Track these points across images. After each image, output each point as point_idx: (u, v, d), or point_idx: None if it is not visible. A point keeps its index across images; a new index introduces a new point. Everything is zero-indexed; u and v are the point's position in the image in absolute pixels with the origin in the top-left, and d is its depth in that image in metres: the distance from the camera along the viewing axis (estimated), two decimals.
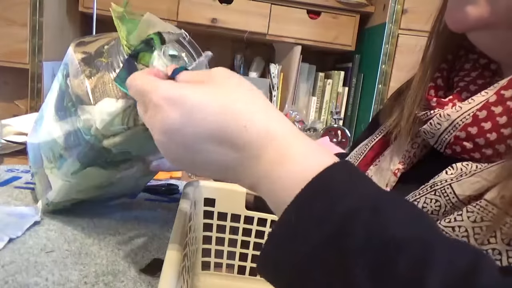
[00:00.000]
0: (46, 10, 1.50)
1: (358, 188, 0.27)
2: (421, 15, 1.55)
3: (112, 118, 0.47)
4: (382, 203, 0.26)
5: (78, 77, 0.50)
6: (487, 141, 0.37)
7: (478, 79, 0.42)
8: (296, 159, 0.30)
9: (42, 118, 0.60)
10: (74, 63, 0.51)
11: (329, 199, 0.26)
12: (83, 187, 0.59)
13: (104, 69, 0.49)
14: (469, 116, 0.38)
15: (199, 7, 1.62)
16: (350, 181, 0.28)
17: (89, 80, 0.49)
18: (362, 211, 0.25)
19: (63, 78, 0.54)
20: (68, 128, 0.52)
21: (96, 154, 0.51)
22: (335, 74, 1.78)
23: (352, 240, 0.24)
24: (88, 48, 0.53)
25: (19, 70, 1.52)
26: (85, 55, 0.51)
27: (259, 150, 0.31)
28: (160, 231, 0.62)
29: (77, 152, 0.52)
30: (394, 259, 0.23)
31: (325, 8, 1.67)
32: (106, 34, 0.55)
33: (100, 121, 0.47)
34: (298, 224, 0.27)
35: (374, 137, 0.53)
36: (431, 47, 0.47)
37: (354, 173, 0.29)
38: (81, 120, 0.49)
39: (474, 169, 0.36)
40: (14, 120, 1.08)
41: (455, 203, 0.36)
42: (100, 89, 0.48)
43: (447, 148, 0.41)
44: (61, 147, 0.54)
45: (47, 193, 0.60)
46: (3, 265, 0.47)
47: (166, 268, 0.33)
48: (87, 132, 0.48)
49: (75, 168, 0.54)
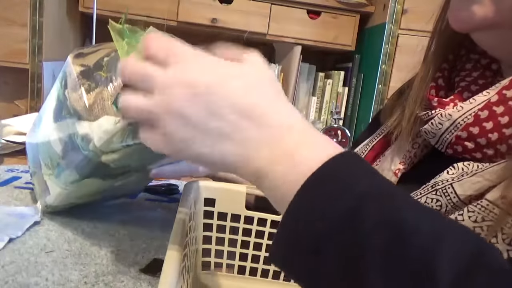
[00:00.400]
0: (46, 10, 1.50)
1: (373, 174, 0.28)
2: (421, 15, 1.55)
3: (111, 136, 0.46)
4: (394, 189, 0.27)
5: (76, 91, 0.49)
6: (489, 141, 0.37)
7: (479, 79, 0.42)
8: (312, 147, 0.30)
9: (40, 121, 0.59)
10: (73, 76, 0.50)
11: (346, 180, 0.27)
12: (82, 194, 0.59)
13: (103, 84, 0.48)
14: (470, 116, 0.38)
15: (199, 7, 1.62)
16: (364, 167, 0.29)
17: (88, 95, 0.48)
18: (376, 194, 0.26)
19: (61, 88, 0.53)
20: (66, 140, 0.51)
21: (94, 168, 0.51)
22: (335, 74, 1.78)
23: (366, 219, 0.25)
24: (87, 61, 0.51)
25: (19, 70, 1.52)
26: (84, 68, 0.50)
27: (280, 135, 0.31)
28: (160, 231, 0.62)
29: (75, 164, 0.51)
30: (406, 240, 0.24)
31: (325, 8, 1.67)
32: (106, 44, 0.53)
33: (98, 139, 0.46)
34: (315, 200, 0.27)
35: (374, 137, 0.53)
36: (432, 46, 0.47)
37: (366, 163, 0.30)
38: (79, 135, 0.48)
39: (476, 169, 0.36)
40: (14, 120, 1.08)
41: (456, 203, 0.36)
42: (99, 105, 0.47)
43: (448, 148, 0.41)
44: (59, 157, 0.53)
45: (46, 196, 0.59)
46: (3, 265, 0.47)
47: (166, 268, 0.33)
48: (85, 148, 0.48)
49: (73, 178, 0.53)
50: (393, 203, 0.26)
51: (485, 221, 0.32)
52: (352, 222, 0.25)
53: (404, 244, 0.24)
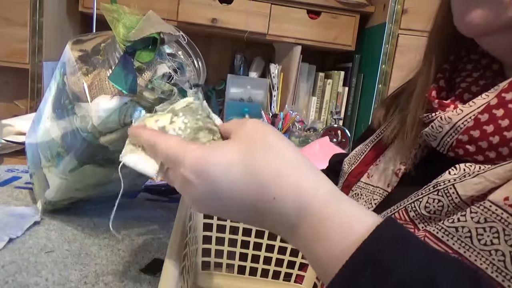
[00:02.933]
0: (46, 10, 1.50)
1: (410, 254, 0.26)
2: (421, 15, 1.55)
3: (108, 114, 0.47)
4: (435, 273, 0.25)
5: (75, 74, 0.50)
6: (490, 144, 0.37)
7: (480, 80, 0.42)
8: (331, 238, 0.28)
9: (40, 118, 0.59)
10: (71, 61, 0.51)
11: (381, 268, 0.25)
12: (81, 185, 0.59)
13: (100, 66, 0.49)
14: (470, 119, 0.38)
15: (199, 7, 1.62)
16: (400, 248, 0.26)
17: (86, 78, 0.49)
18: (416, 283, 0.24)
19: (60, 77, 0.54)
20: (66, 126, 0.52)
21: (93, 151, 0.51)
22: (335, 74, 1.78)
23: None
24: (85, 46, 0.52)
25: (19, 70, 1.52)
26: (82, 53, 0.51)
27: (293, 225, 0.30)
28: (160, 231, 0.62)
29: (74, 149, 0.52)
30: None
31: (325, 8, 1.67)
32: (103, 32, 0.55)
33: (97, 118, 0.47)
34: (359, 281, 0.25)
35: (374, 137, 0.53)
36: (432, 47, 0.47)
37: (401, 235, 0.27)
38: (77, 117, 0.49)
39: (478, 170, 0.36)
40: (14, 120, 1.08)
41: (458, 204, 0.35)
42: (96, 86, 0.48)
43: (449, 151, 0.40)
44: (59, 145, 0.54)
45: (45, 191, 0.59)
46: (3, 265, 0.47)
47: (166, 268, 0.33)
48: (84, 129, 0.48)
49: (73, 166, 0.53)
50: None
51: (488, 222, 0.32)
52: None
53: None
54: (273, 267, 0.54)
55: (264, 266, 0.54)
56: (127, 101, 0.47)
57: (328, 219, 0.29)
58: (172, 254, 0.35)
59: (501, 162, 0.35)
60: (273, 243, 0.53)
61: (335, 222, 0.29)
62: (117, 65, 0.45)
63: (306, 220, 0.29)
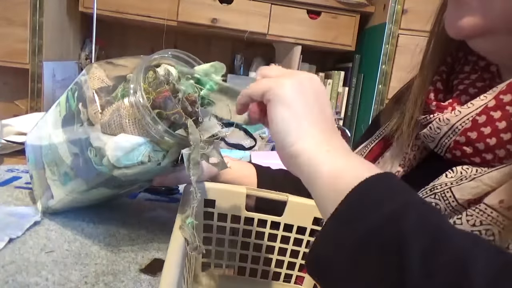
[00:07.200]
0: (46, 10, 1.50)
1: (410, 190, 0.30)
2: (421, 15, 1.55)
3: (126, 154, 0.46)
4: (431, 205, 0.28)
5: (92, 105, 0.48)
6: (487, 146, 0.37)
7: (477, 82, 0.42)
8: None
9: (46, 125, 0.59)
10: (90, 90, 0.49)
11: (386, 191, 0.29)
12: (87, 201, 0.60)
13: (120, 101, 0.48)
14: (468, 121, 0.38)
15: (199, 7, 1.62)
16: (402, 185, 0.30)
17: (105, 111, 0.48)
18: (416, 203, 0.28)
19: (74, 100, 0.52)
20: (77, 152, 0.51)
21: (105, 181, 0.51)
22: (335, 74, 1.78)
23: (407, 223, 0.26)
24: (106, 75, 0.51)
25: (19, 70, 1.52)
26: (103, 85, 0.50)
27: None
28: (160, 231, 0.62)
29: (85, 176, 0.52)
30: (447, 241, 0.25)
31: (325, 8, 1.68)
32: (126, 59, 0.54)
33: (113, 156, 0.46)
34: (358, 207, 0.29)
35: (373, 139, 0.53)
36: (430, 49, 0.47)
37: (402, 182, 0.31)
38: (93, 149, 0.48)
39: (474, 173, 0.36)
40: (14, 120, 1.08)
41: (455, 207, 0.36)
42: (115, 122, 0.47)
43: (447, 153, 0.41)
44: (68, 167, 0.53)
45: (48, 199, 0.60)
46: (3, 265, 0.47)
47: (166, 268, 0.33)
48: (98, 163, 0.48)
49: (82, 189, 0.54)
50: (431, 211, 0.28)
51: (483, 225, 0.32)
52: (394, 226, 0.26)
53: (444, 245, 0.25)
54: (273, 268, 0.54)
55: (264, 267, 0.54)
56: (146, 141, 0.47)
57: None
58: (173, 254, 0.35)
59: (497, 164, 0.35)
60: (273, 244, 0.53)
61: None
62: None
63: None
